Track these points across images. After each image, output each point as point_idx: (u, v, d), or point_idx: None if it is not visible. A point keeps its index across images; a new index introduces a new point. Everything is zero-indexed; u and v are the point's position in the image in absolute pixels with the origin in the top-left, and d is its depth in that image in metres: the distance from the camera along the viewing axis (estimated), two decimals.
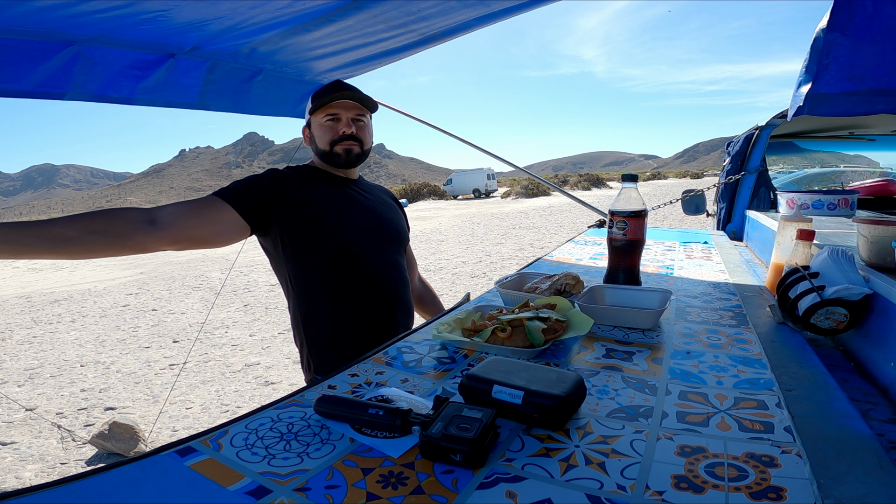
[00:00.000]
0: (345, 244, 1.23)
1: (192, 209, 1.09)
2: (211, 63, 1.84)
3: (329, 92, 1.29)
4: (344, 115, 1.28)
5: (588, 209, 2.72)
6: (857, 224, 0.97)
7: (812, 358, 0.75)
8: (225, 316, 5.35)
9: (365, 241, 1.27)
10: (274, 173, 1.24)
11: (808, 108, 1.00)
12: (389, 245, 1.33)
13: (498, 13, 1.66)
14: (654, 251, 1.70)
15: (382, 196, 1.45)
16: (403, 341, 0.87)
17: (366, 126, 1.34)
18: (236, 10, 1.44)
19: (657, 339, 0.84)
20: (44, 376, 3.89)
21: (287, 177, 1.24)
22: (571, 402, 0.57)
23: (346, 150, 1.29)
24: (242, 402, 3.20)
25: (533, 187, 24.42)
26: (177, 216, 1.05)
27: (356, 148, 1.30)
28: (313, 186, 1.26)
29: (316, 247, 1.21)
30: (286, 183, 1.22)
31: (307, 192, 1.23)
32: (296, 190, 1.22)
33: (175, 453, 0.52)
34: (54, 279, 9.02)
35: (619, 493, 0.44)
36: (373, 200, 1.37)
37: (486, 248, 8.90)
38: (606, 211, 1.22)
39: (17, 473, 2.50)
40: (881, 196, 2.78)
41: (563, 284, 1.07)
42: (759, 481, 0.45)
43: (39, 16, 1.31)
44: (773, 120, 2.44)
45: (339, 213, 1.25)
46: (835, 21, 0.94)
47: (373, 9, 1.56)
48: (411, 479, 0.48)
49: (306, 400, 0.65)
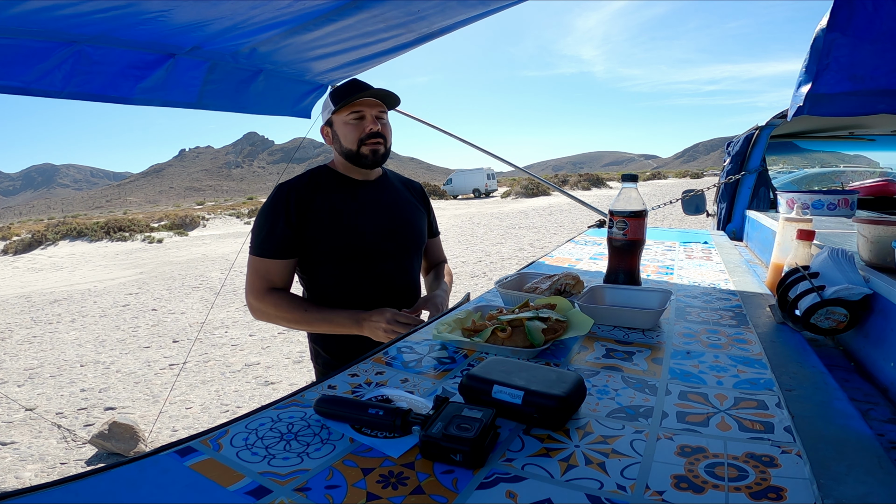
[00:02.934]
0: (351, 251, 1.24)
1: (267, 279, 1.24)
2: (211, 63, 1.84)
3: (352, 90, 1.27)
4: (368, 112, 1.27)
5: (588, 209, 2.72)
6: (857, 224, 0.97)
7: (812, 358, 0.75)
8: (225, 316, 5.35)
9: (374, 249, 1.27)
10: (282, 197, 1.23)
11: (808, 108, 1.00)
12: (404, 249, 1.33)
13: (496, 8, 1.66)
14: (654, 251, 1.69)
15: (405, 194, 1.43)
16: (403, 341, 0.87)
17: (387, 124, 1.33)
18: (236, 10, 1.44)
19: (657, 339, 0.84)
20: (44, 376, 3.89)
21: (296, 191, 1.24)
22: (571, 402, 0.57)
23: (373, 150, 1.27)
24: (242, 402, 3.20)
25: (533, 187, 24.42)
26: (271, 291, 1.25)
27: (382, 147, 1.29)
28: (324, 194, 1.26)
29: (327, 247, 1.24)
30: (297, 200, 1.23)
31: (318, 202, 1.24)
32: (307, 204, 1.23)
33: (175, 453, 0.52)
34: (54, 279, 9.02)
35: (619, 493, 0.44)
36: (391, 201, 1.36)
37: (485, 248, 8.90)
38: (606, 211, 1.22)
39: (17, 473, 2.50)
40: (881, 196, 2.78)
41: (563, 284, 1.07)
42: (759, 481, 0.45)
43: (40, 16, 1.31)
44: (773, 120, 2.44)
45: (349, 219, 1.25)
46: (835, 21, 0.94)
47: (373, 9, 1.56)
48: (411, 479, 0.48)
49: (306, 400, 0.65)
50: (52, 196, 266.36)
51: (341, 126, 1.28)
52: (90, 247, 13.90)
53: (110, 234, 15.15)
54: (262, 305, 1.23)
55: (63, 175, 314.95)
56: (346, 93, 1.26)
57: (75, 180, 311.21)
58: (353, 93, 1.25)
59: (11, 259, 12.84)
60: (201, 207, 32.77)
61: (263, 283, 1.23)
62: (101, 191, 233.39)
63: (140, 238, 14.81)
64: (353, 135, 1.26)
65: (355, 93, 1.25)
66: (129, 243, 14.21)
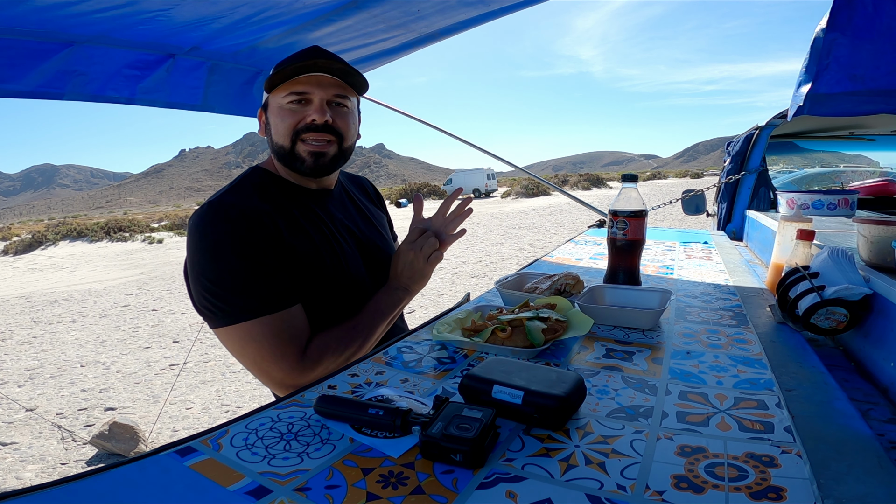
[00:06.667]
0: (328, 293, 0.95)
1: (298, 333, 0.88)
2: (211, 63, 1.85)
3: (298, 59, 0.90)
4: (317, 94, 0.90)
5: (588, 209, 2.72)
6: (857, 224, 0.97)
7: (812, 358, 0.75)
8: None
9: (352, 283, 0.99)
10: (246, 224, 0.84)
11: (808, 108, 1.00)
12: (376, 269, 1.06)
13: (497, 11, 1.66)
14: (654, 251, 1.69)
15: (363, 203, 1.14)
16: (403, 341, 0.87)
17: (349, 113, 0.95)
18: (236, 9, 1.44)
19: (657, 339, 0.84)
20: (44, 376, 3.89)
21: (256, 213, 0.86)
22: (571, 402, 0.57)
23: (314, 152, 0.91)
24: (242, 403, 3.20)
25: (533, 187, 24.42)
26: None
27: (330, 149, 0.93)
28: (281, 217, 0.91)
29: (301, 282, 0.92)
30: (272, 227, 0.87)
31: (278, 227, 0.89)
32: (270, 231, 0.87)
33: (175, 453, 0.52)
34: (54, 279, 9.02)
35: (619, 493, 0.44)
36: (353, 218, 1.07)
37: (485, 248, 8.90)
38: (606, 211, 1.22)
39: (18, 473, 2.50)
40: (881, 196, 2.78)
41: (563, 284, 1.07)
42: (759, 481, 0.45)
43: (39, 16, 1.31)
44: (773, 120, 2.44)
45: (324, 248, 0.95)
46: (835, 21, 0.94)
47: (373, 9, 1.56)
48: (411, 479, 0.48)
49: (306, 400, 0.65)
50: (53, 196, 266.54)
51: (275, 112, 0.92)
52: (90, 247, 13.90)
53: (110, 234, 15.16)
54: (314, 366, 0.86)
55: (63, 175, 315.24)
56: (291, 65, 0.88)
57: (75, 181, 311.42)
58: (297, 65, 0.87)
59: (12, 259, 12.84)
60: None
61: (297, 342, 0.86)
62: (101, 191, 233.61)
63: (140, 238, 14.82)
64: (286, 123, 0.90)
65: (300, 63, 0.87)
66: (129, 244, 14.22)
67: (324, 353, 0.88)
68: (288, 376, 0.86)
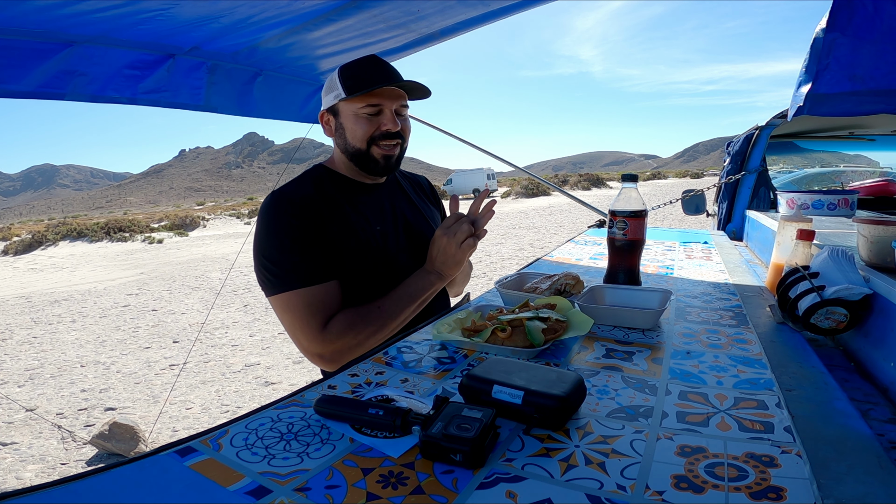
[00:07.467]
0: (370, 272, 1.05)
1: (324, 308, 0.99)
2: (212, 63, 1.85)
3: (371, 73, 1.01)
4: (388, 106, 1.02)
5: (588, 209, 2.73)
6: (857, 224, 0.97)
7: (812, 358, 0.75)
8: (225, 316, 5.34)
9: (396, 266, 1.08)
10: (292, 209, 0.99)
11: (808, 108, 1.00)
12: (422, 256, 1.12)
13: (497, 12, 1.66)
14: (654, 251, 1.69)
15: (415, 197, 1.23)
16: (403, 341, 0.87)
17: (407, 121, 1.09)
18: (236, 9, 1.44)
19: (657, 339, 0.84)
20: (44, 377, 3.89)
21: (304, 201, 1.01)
22: (571, 402, 0.57)
23: (386, 155, 1.05)
24: (242, 403, 3.20)
25: (533, 187, 24.42)
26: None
27: (397, 151, 1.07)
28: (332, 205, 1.04)
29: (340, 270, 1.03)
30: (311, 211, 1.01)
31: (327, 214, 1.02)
32: (318, 216, 1.01)
33: (175, 453, 0.52)
34: (54, 280, 9.03)
35: (619, 493, 0.44)
36: (405, 208, 1.17)
37: (485, 248, 8.89)
38: (606, 211, 1.22)
39: (18, 474, 2.50)
40: (881, 196, 2.78)
41: (563, 284, 1.07)
42: (759, 481, 0.45)
43: (39, 15, 1.31)
44: (773, 120, 2.44)
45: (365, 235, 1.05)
46: (835, 21, 0.94)
47: (373, 9, 1.56)
48: (411, 479, 0.48)
49: (306, 400, 0.65)
50: (53, 196, 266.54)
51: (350, 118, 1.03)
52: (90, 247, 13.91)
53: (110, 234, 15.17)
54: (334, 339, 0.96)
55: (63, 175, 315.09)
56: (364, 76, 1.00)
57: (75, 181, 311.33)
58: (373, 78, 1.00)
59: (12, 259, 12.84)
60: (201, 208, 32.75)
61: (322, 315, 0.97)
62: (101, 191, 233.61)
63: (140, 238, 14.83)
64: (363, 130, 1.02)
65: (377, 79, 0.99)
66: (129, 244, 14.23)
67: (345, 327, 0.97)
68: (311, 344, 0.97)
